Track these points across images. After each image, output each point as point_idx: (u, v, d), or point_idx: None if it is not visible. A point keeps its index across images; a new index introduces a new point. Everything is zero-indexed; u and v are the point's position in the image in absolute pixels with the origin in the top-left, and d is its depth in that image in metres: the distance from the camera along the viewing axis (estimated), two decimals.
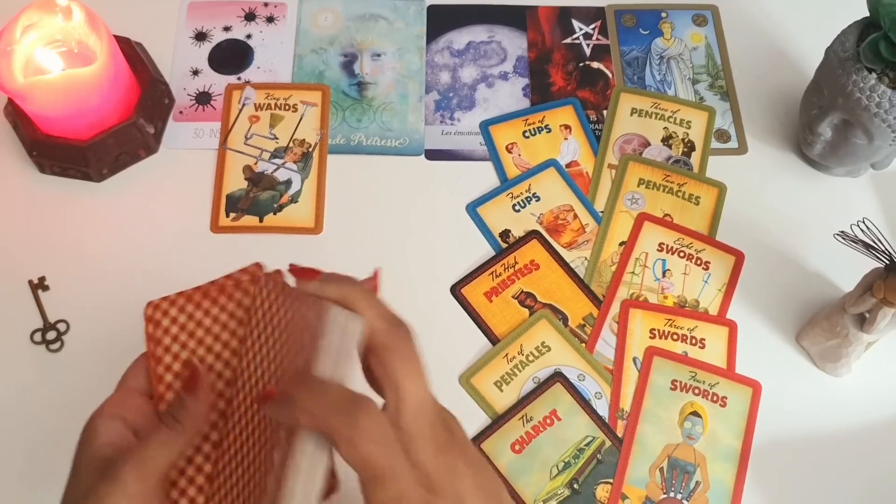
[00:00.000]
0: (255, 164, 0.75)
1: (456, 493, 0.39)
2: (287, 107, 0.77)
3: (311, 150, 0.75)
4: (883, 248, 0.59)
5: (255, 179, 0.74)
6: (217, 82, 0.79)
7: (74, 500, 0.40)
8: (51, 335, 0.67)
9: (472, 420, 0.65)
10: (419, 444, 0.39)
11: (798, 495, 0.64)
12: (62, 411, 0.65)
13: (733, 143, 0.78)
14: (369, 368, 0.40)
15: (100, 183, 0.74)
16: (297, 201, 0.73)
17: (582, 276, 0.71)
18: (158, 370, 0.45)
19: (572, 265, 0.71)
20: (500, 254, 0.71)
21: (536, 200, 0.74)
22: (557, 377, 0.66)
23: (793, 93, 0.79)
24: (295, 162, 0.75)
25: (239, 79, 0.79)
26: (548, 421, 0.65)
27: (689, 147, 0.77)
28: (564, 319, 0.69)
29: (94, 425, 0.42)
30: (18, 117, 0.72)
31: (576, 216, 0.73)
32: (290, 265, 0.43)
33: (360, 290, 0.41)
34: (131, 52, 0.75)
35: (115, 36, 0.71)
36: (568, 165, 0.76)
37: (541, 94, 0.79)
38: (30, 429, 0.64)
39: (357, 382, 0.39)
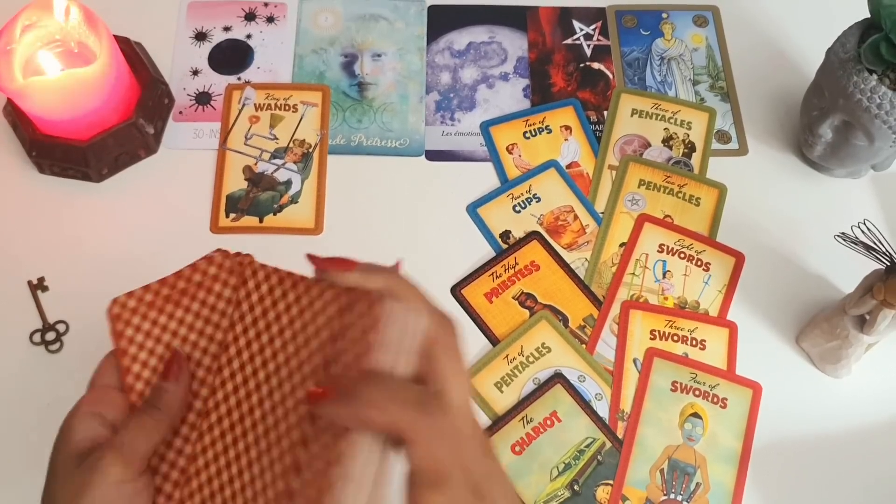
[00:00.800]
0: (255, 164, 0.75)
1: (494, 497, 0.37)
2: (287, 107, 0.77)
3: (311, 150, 0.75)
4: (883, 250, 0.59)
5: (256, 180, 0.74)
6: (217, 82, 0.79)
7: (54, 496, 0.40)
8: (50, 336, 0.67)
9: None
10: (467, 446, 0.37)
11: (798, 497, 0.64)
12: (61, 412, 0.65)
13: (734, 145, 0.77)
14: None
15: (99, 183, 0.73)
16: (297, 202, 0.73)
17: (582, 277, 0.71)
18: (124, 362, 0.44)
19: (573, 266, 0.71)
20: (501, 255, 0.71)
21: (537, 201, 0.74)
22: (558, 378, 0.66)
23: (793, 94, 0.79)
24: (295, 162, 0.75)
25: (239, 79, 0.79)
26: (548, 422, 0.65)
27: (690, 148, 0.77)
28: (565, 320, 0.69)
29: (70, 424, 0.42)
30: (18, 117, 0.72)
31: (576, 217, 0.73)
32: (311, 256, 0.41)
33: (406, 281, 0.39)
34: (131, 52, 0.75)
35: (114, 36, 0.71)
36: (568, 166, 0.76)
37: (541, 95, 0.79)
38: (29, 429, 0.64)
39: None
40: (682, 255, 0.72)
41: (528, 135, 0.77)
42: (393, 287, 0.38)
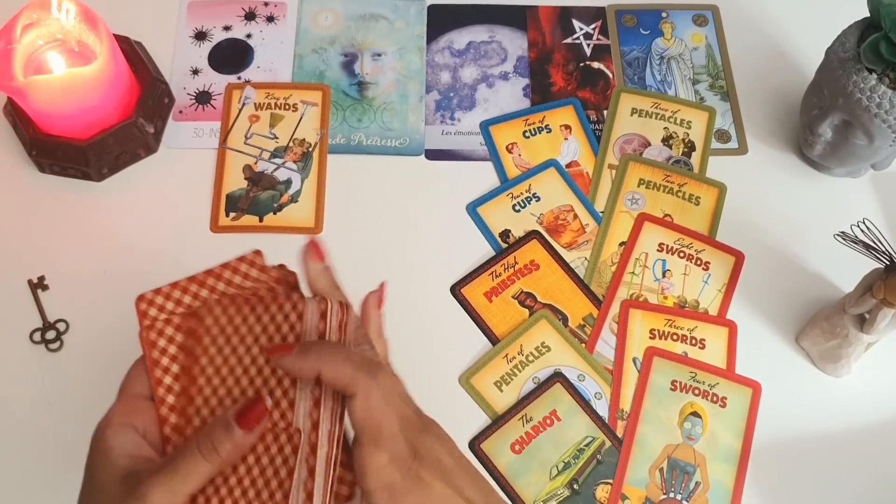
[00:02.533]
0: (255, 163, 0.75)
1: (440, 467, 0.41)
2: (287, 106, 0.77)
3: (311, 149, 0.75)
4: (883, 249, 0.59)
5: (255, 179, 0.74)
6: (217, 82, 0.79)
7: None
8: (50, 335, 0.67)
9: (472, 420, 0.65)
10: (406, 423, 0.41)
11: (798, 496, 0.64)
12: (62, 411, 0.65)
13: (733, 144, 0.78)
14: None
15: (100, 182, 0.73)
16: (297, 201, 0.73)
17: (582, 277, 0.71)
18: (153, 354, 0.44)
19: (572, 265, 0.71)
20: (500, 254, 0.71)
21: (536, 200, 0.74)
22: (557, 377, 0.66)
23: (793, 93, 0.79)
24: (295, 161, 0.75)
25: (239, 78, 0.79)
26: (548, 421, 0.65)
27: (690, 147, 0.77)
28: (564, 320, 0.69)
29: (105, 437, 0.41)
30: (18, 116, 0.72)
31: (576, 216, 0.73)
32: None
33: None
34: (131, 51, 0.75)
35: (114, 35, 0.71)
36: (568, 165, 0.76)
37: (541, 94, 0.79)
38: (29, 428, 0.64)
39: None
40: (682, 255, 0.72)
41: (527, 134, 0.77)
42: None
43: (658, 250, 0.72)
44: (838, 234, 0.60)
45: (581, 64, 0.81)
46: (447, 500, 0.40)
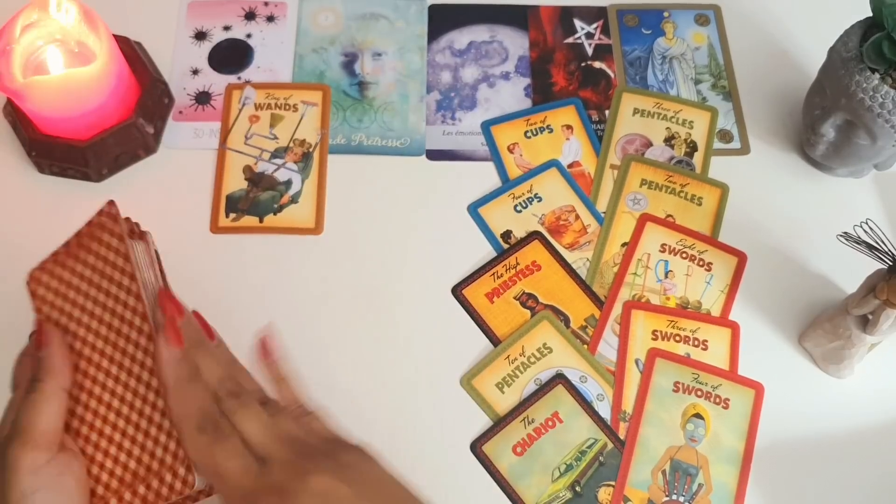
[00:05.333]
0: (256, 164, 0.74)
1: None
2: (287, 107, 0.77)
3: (311, 150, 0.75)
4: (886, 250, 0.58)
5: (256, 180, 0.74)
6: (217, 82, 0.78)
7: None
8: None
9: (474, 422, 0.65)
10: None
11: (801, 497, 0.64)
12: None
13: (736, 144, 0.77)
14: None
15: (99, 183, 0.73)
16: (297, 202, 0.73)
17: (584, 277, 0.70)
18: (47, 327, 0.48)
19: (574, 266, 0.71)
20: (502, 255, 0.71)
21: (538, 201, 0.73)
22: (559, 379, 0.66)
23: (796, 93, 0.78)
24: (295, 162, 0.75)
25: (239, 78, 0.79)
26: (549, 423, 0.65)
27: (692, 147, 0.76)
28: (566, 321, 0.69)
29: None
30: (17, 117, 0.72)
31: (578, 217, 0.73)
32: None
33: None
34: (131, 51, 0.75)
35: (114, 36, 0.71)
36: (570, 166, 0.75)
37: (542, 94, 0.79)
38: None
39: None
40: (684, 255, 0.71)
41: (529, 134, 0.77)
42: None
43: (660, 251, 0.71)
44: (841, 235, 0.59)
45: (582, 64, 0.80)
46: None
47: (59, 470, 0.40)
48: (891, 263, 0.58)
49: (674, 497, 0.63)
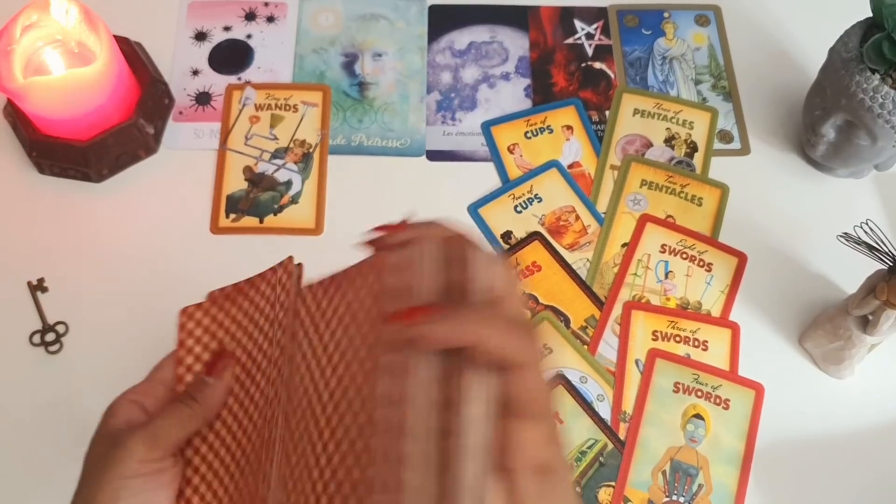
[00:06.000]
0: (256, 164, 0.74)
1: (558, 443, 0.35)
2: (287, 107, 0.77)
3: (311, 150, 0.75)
4: (886, 250, 0.58)
5: (256, 180, 0.74)
6: (217, 82, 0.78)
7: (86, 470, 0.41)
8: (50, 337, 0.67)
9: None
10: None
11: (801, 498, 0.64)
12: (61, 413, 0.65)
13: (736, 144, 0.77)
14: None
15: (99, 183, 0.73)
16: (297, 202, 0.73)
17: (584, 278, 0.70)
18: (180, 353, 0.45)
19: (574, 267, 0.71)
20: (502, 255, 0.71)
21: (538, 201, 0.73)
22: (559, 379, 0.66)
23: (796, 93, 0.78)
24: (295, 162, 0.75)
25: (239, 79, 0.79)
26: None
27: (692, 148, 0.76)
28: (566, 321, 0.69)
29: (113, 407, 0.43)
30: (18, 118, 0.72)
31: (578, 217, 0.73)
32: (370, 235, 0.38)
33: (421, 225, 0.35)
34: (131, 52, 0.75)
35: (114, 36, 0.71)
36: (570, 166, 0.75)
37: (543, 95, 0.79)
38: (28, 431, 0.64)
39: None
40: (685, 256, 0.71)
41: (529, 135, 0.77)
42: (412, 236, 0.36)
43: (660, 251, 0.71)
44: (841, 236, 0.59)
45: (583, 64, 0.80)
46: (569, 485, 0.35)
47: (158, 471, 0.41)
48: (891, 264, 0.58)
49: (674, 497, 0.63)
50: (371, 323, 0.35)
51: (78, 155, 0.71)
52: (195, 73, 0.79)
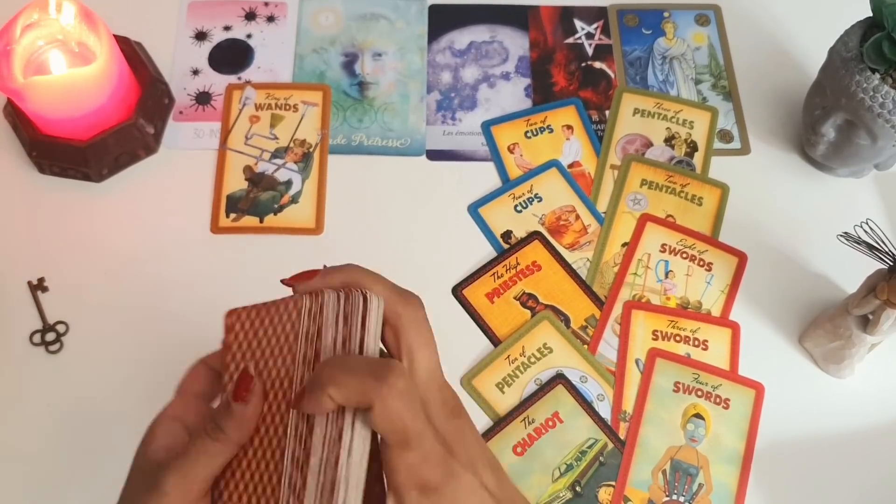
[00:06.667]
0: (256, 164, 0.74)
1: (468, 455, 0.39)
2: (288, 107, 0.77)
3: (311, 150, 0.75)
4: (886, 250, 0.58)
5: (256, 180, 0.74)
6: (217, 82, 0.78)
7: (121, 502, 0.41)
8: (50, 336, 0.67)
9: (474, 421, 0.65)
10: (434, 409, 0.39)
11: (801, 497, 0.64)
12: (61, 413, 0.65)
13: (736, 144, 0.77)
14: (382, 338, 0.40)
15: (99, 183, 0.73)
16: (297, 202, 0.73)
17: (584, 278, 0.70)
18: (226, 358, 0.43)
19: (574, 266, 0.71)
20: (502, 255, 0.71)
21: (538, 201, 0.73)
22: (559, 379, 0.66)
23: (796, 93, 0.78)
24: (295, 162, 0.75)
25: (239, 79, 0.79)
26: (550, 423, 0.65)
27: (692, 147, 0.76)
28: (566, 321, 0.69)
29: (153, 428, 0.42)
30: (18, 117, 0.72)
31: (578, 217, 0.73)
32: (283, 280, 0.42)
33: (361, 269, 0.41)
34: (131, 51, 0.75)
35: (114, 36, 0.71)
36: (570, 166, 0.75)
37: (543, 95, 0.79)
38: (29, 431, 0.64)
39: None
40: (685, 255, 0.71)
41: (529, 134, 0.77)
42: (350, 278, 0.40)
43: (660, 251, 0.71)
44: (841, 235, 0.59)
45: (583, 64, 0.80)
46: (472, 492, 0.38)
47: None
48: (891, 263, 0.58)
49: (674, 497, 0.63)
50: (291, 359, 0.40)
51: (78, 155, 0.71)
52: (195, 72, 0.79)
